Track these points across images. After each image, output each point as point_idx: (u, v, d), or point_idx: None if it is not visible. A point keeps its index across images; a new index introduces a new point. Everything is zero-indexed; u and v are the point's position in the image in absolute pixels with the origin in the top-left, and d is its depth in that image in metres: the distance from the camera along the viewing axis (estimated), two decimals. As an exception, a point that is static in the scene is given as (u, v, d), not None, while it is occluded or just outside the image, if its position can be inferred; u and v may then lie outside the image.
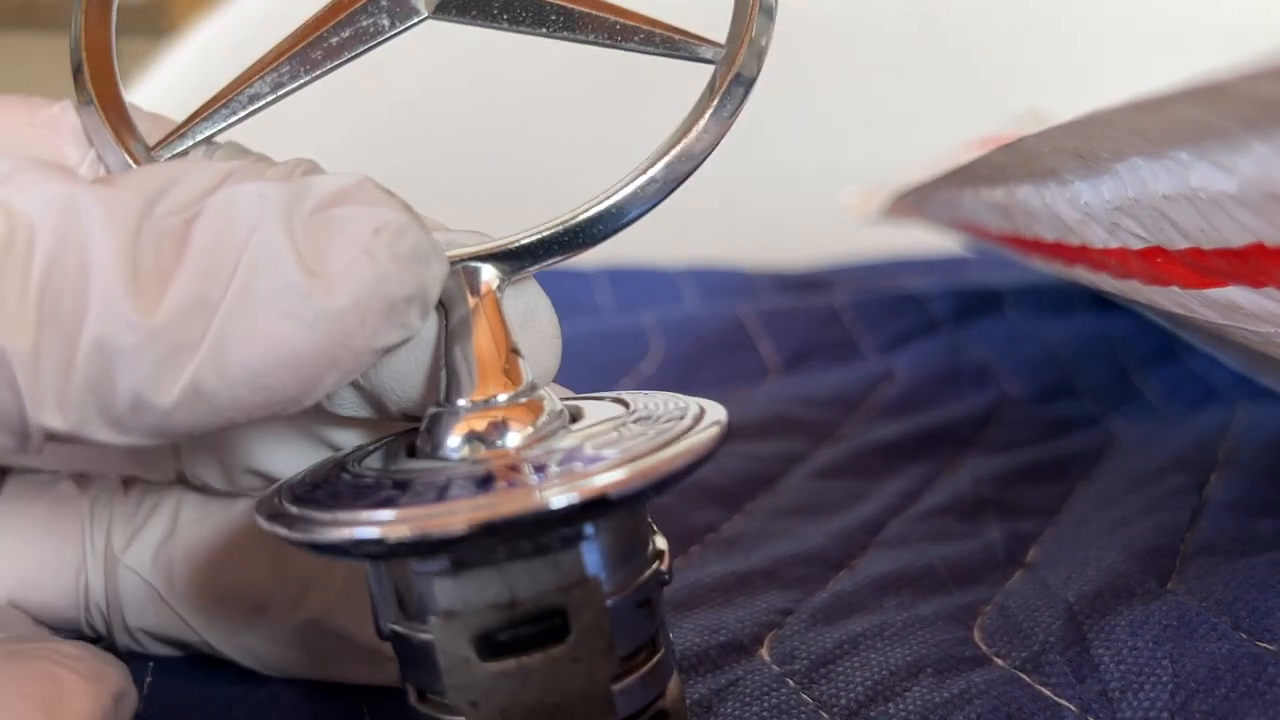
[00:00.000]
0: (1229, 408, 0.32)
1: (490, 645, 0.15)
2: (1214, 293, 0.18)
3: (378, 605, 0.16)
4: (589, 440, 0.15)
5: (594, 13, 0.18)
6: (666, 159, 0.18)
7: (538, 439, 0.16)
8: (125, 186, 0.14)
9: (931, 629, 0.21)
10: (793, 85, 0.69)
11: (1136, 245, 0.20)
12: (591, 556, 0.15)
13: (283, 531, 0.14)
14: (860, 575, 0.24)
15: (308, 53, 0.18)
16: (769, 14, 0.19)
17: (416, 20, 0.18)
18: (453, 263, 0.17)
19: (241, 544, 0.19)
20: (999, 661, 0.20)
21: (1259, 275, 0.16)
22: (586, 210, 0.17)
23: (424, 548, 0.14)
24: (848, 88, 0.68)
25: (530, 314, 0.17)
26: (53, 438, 0.14)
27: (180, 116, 0.19)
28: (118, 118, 0.18)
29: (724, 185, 0.66)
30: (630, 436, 0.15)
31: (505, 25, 0.19)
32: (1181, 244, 0.18)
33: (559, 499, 0.14)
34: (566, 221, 0.17)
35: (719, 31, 0.19)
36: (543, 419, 0.16)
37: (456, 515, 0.14)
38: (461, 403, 0.16)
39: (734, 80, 0.19)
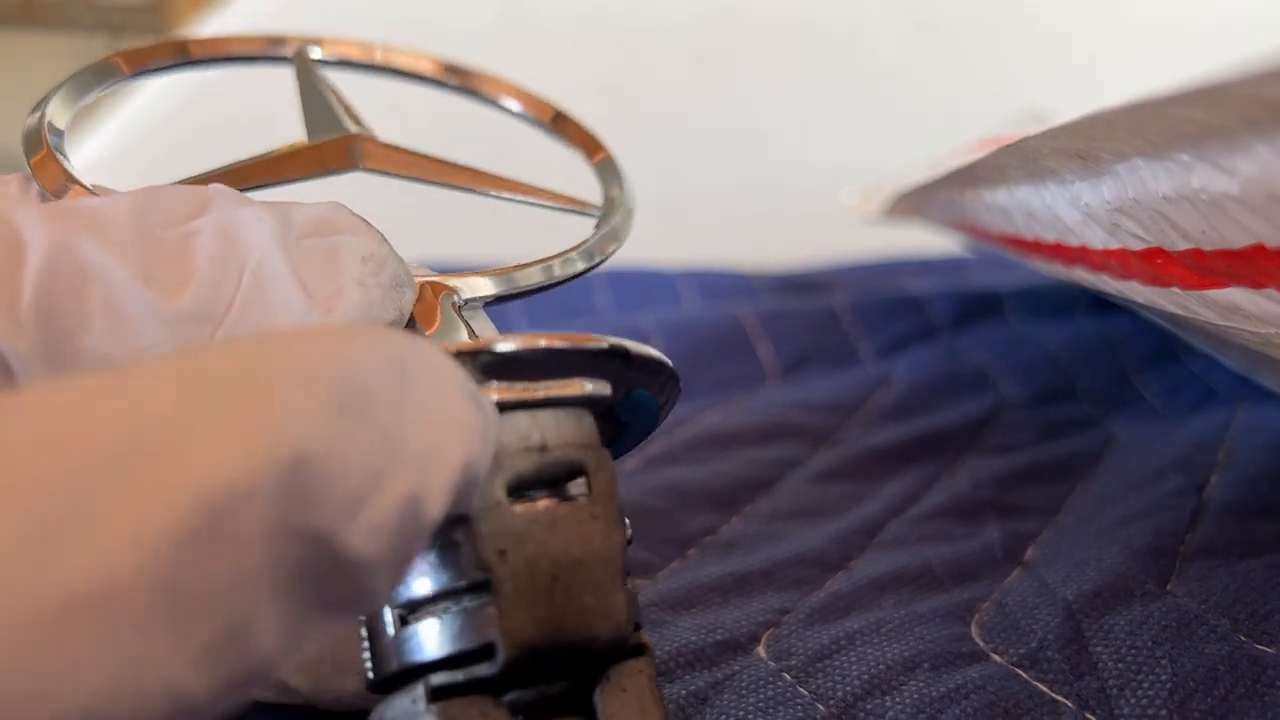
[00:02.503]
0: (1229, 409, 0.32)
1: (521, 491, 0.15)
2: (1214, 294, 0.18)
3: None
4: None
5: (496, 183, 0.23)
6: (582, 249, 0.21)
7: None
8: (110, 204, 0.15)
9: (929, 626, 0.21)
10: (793, 85, 0.69)
11: (1137, 246, 0.20)
12: (602, 429, 0.16)
13: None
14: (858, 575, 0.24)
15: (233, 178, 0.20)
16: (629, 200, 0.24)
17: (349, 170, 0.22)
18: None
19: None
20: (996, 658, 0.20)
21: (1259, 276, 0.16)
22: (521, 269, 0.20)
23: (480, 361, 0.15)
24: (848, 88, 0.68)
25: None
26: None
27: (181, 116, 0.19)
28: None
29: (724, 185, 0.66)
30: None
31: (429, 181, 0.22)
32: (1182, 245, 0.18)
33: (593, 342, 0.16)
34: (502, 273, 0.20)
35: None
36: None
37: (521, 338, 0.15)
38: None
39: (608, 234, 0.22)
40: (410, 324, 0.18)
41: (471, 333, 0.18)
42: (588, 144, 0.25)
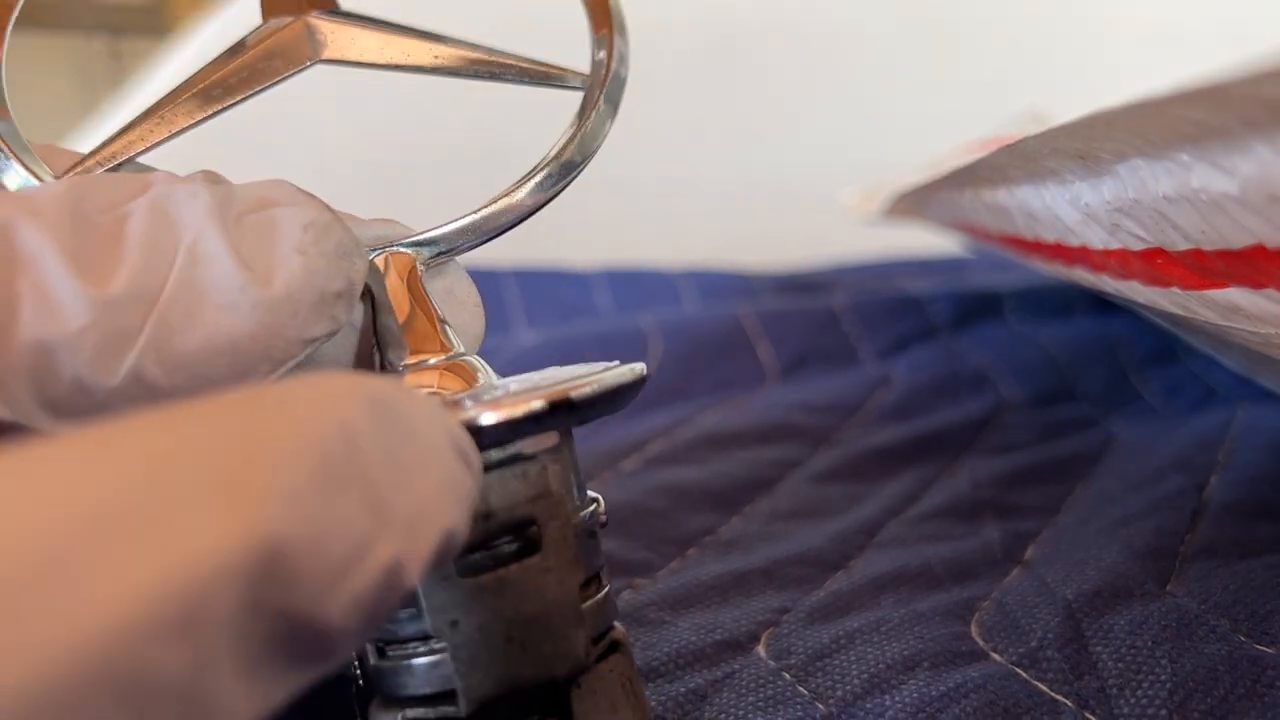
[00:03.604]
0: (1229, 409, 0.32)
1: (468, 561, 0.15)
2: (1214, 294, 0.18)
3: None
4: (526, 384, 0.16)
5: (470, 55, 0.21)
6: (555, 163, 0.20)
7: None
8: (45, 189, 0.15)
9: (928, 624, 0.21)
10: (793, 85, 0.69)
11: (1137, 246, 0.19)
12: (554, 471, 0.16)
13: None
14: (857, 575, 0.24)
15: (209, 91, 0.19)
16: (624, 37, 0.22)
17: (306, 66, 0.20)
18: (373, 251, 0.18)
19: None
20: (996, 657, 0.20)
21: (1259, 276, 0.16)
22: (492, 205, 0.19)
23: None
24: (848, 88, 0.68)
25: (450, 290, 0.19)
26: None
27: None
28: (16, 146, 0.18)
29: (723, 185, 0.66)
30: (567, 377, 0.16)
31: (390, 69, 0.21)
32: (1182, 245, 0.18)
33: (528, 407, 0.15)
34: (474, 214, 0.19)
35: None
36: (480, 377, 0.17)
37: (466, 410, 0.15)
38: (400, 364, 0.17)
39: (601, 100, 0.21)
40: (366, 294, 0.18)
41: (436, 317, 0.18)
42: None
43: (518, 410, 0.15)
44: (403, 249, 0.18)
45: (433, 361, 0.17)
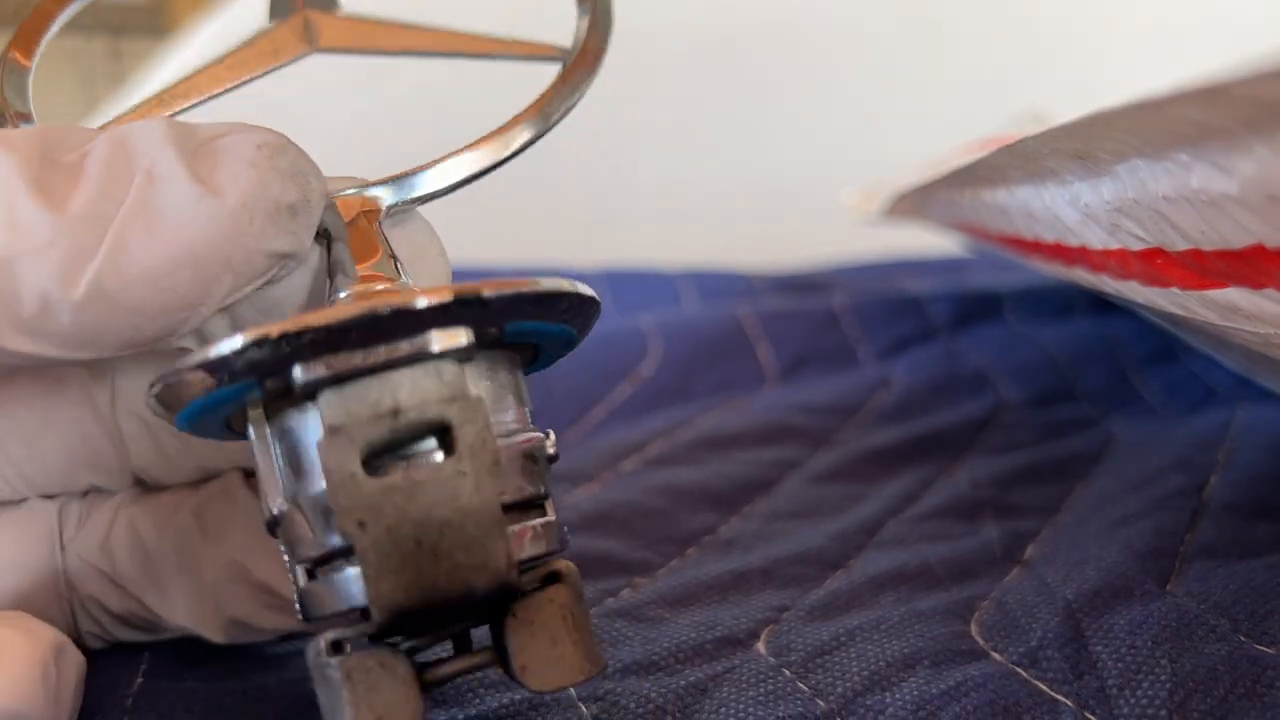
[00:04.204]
0: (1229, 409, 0.32)
1: (375, 461, 0.15)
2: (1214, 294, 0.18)
3: (265, 487, 0.16)
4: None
5: (454, 38, 0.22)
6: (528, 118, 0.20)
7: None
8: (16, 133, 0.16)
9: (928, 623, 0.21)
10: (793, 85, 0.69)
11: (1136, 246, 0.20)
12: (473, 376, 0.16)
13: (160, 384, 0.16)
14: (857, 574, 0.24)
15: (210, 81, 0.21)
16: (606, 18, 0.22)
17: (305, 54, 0.21)
18: (334, 194, 0.18)
19: (167, 504, 0.20)
20: (996, 656, 0.20)
21: (1259, 277, 0.16)
22: (459, 153, 0.19)
23: (311, 340, 0.15)
24: (848, 88, 0.68)
25: (413, 237, 0.19)
26: None
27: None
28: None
29: (723, 185, 0.66)
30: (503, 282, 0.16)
31: (385, 54, 0.22)
32: (1181, 245, 0.18)
33: (436, 296, 0.15)
34: (440, 161, 0.19)
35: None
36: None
37: (342, 310, 0.15)
38: (342, 295, 0.17)
39: (577, 77, 0.21)
40: (323, 234, 0.18)
41: (391, 257, 0.18)
42: None
43: (424, 300, 0.15)
44: (364, 194, 0.19)
45: (379, 287, 0.17)
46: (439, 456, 0.15)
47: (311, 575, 0.16)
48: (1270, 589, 0.21)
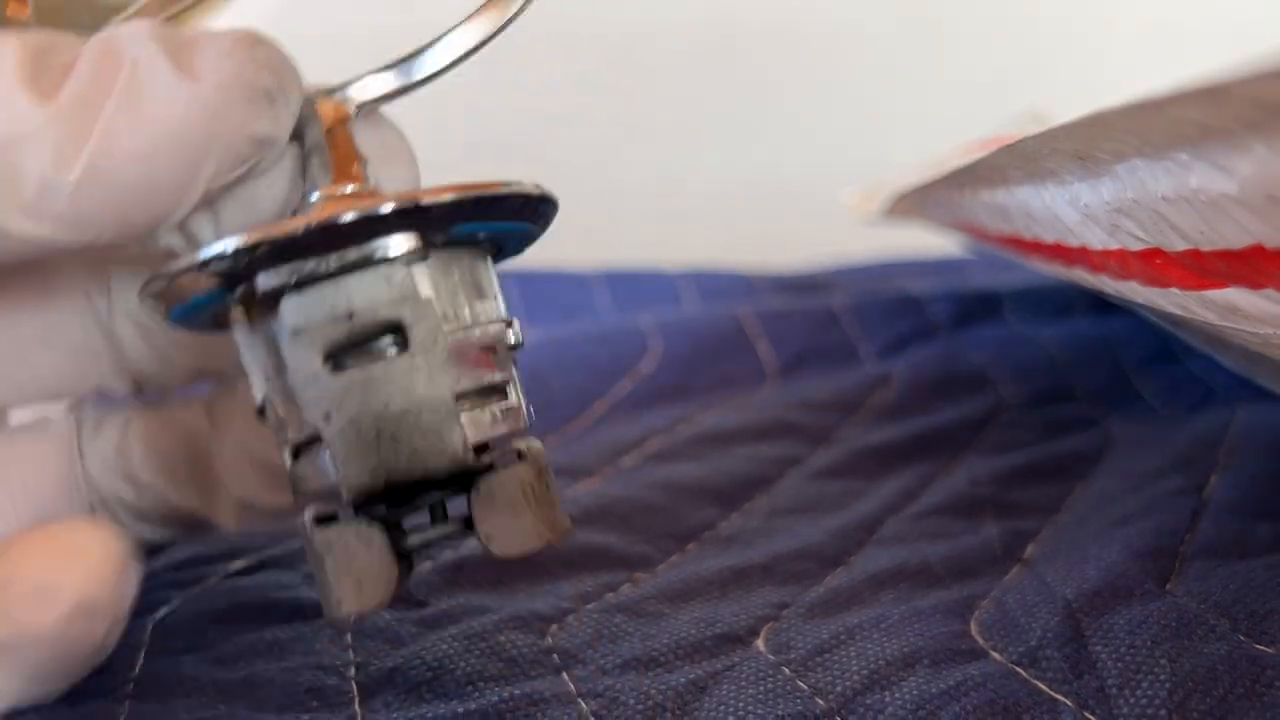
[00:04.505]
0: (1229, 409, 0.32)
1: (336, 359, 0.17)
2: (1213, 294, 0.18)
3: (252, 379, 0.18)
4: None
5: None
6: (485, 15, 0.20)
7: None
8: (12, 35, 0.17)
9: (928, 622, 0.21)
10: (792, 85, 0.69)
11: (1136, 247, 0.20)
12: (423, 278, 0.17)
13: (150, 286, 0.17)
14: (857, 571, 0.24)
15: None
16: None
17: None
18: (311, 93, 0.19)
19: (175, 409, 0.22)
20: (996, 655, 0.20)
21: (1258, 277, 0.16)
22: (422, 50, 0.20)
23: (267, 251, 0.16)
24: (848, 88, 0.68)
25: (383, 140, 0.20)
26: None
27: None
28: None
29: (723, 185, 0.66)
30: (457, 186, 0.17)
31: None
32: (1181, 245, 0.18)
33: (377, 205, 0.16)
34: (404, 60, 0.20)
35: None
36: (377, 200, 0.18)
37: (293, 222, 0.16)
38: (314, 196, 0.18)
39: None
40: (297, 136, 0.19)
41: (361, 160, 0.19)
42: None
43: (367, 210, 0.16)
44: (334, 96, 0.19)
45: (350, 189, 0.18)
46: (394, 353, 0.17)
47: (296, 456, 0.18)
48: (1270, 589, 0.21)
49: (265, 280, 0.17)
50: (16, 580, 0.17)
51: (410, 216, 0.16)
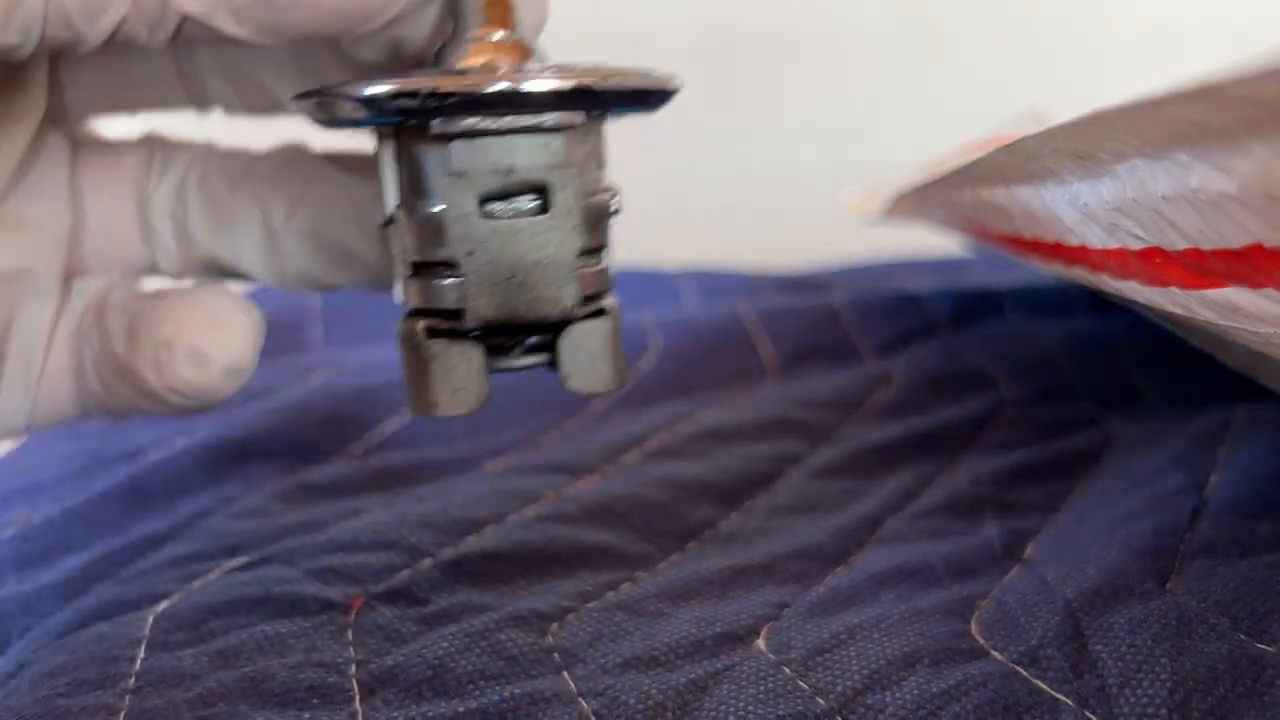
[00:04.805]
0: (1229, 409, 0.32)
1: (486, 205, 0.19)
2: (1213, 293, 0.18)
3: (386, 188, 0.20)
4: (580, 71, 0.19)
5: None
6: None
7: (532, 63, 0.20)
8: None
9: (928, 622, 0.21)
10: (792, 85, 0.69)
11: (1136, 246, 0.20)
12: (571, 148, 0.19)
13: (319, 102, 0.19)
14: (857, 570, 0.24)
15: None
16: None
17: None
18: None
19: (239, 162, 0.23)
20: (996, 655, 0.20)
21: (1258, 276, 0.16)
22: None
23: (456, 102, 0.18)
24: (848, 88, 0.68)
25: None
26: (178, 27, 0.18)
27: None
28: None
29: (724, 185, 0.66)
30: (610, 71, 0.19)
31: None
32: (1181, 245, 0.18)
33: (563, 81, 0.18)
34: None
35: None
36: (531, 57, 0.20)
37: (477, 78, 0.18)
38: (465, 35, 0.20)
39: None
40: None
41: (509, 8, 0.20)
42: None
43: (552, 83, 0.18)
44: None
45: (496, 37, 0.20)
46: (536, 208, 0.19)
47: (414, 272, 0.20)
48: (1270, 588, 0.21)
49: (440, 124, 0.18)
50: (177, 345, 0.20)
51: (585, 96, 0.18)
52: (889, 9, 0.69)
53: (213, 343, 0.21)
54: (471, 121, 0.18)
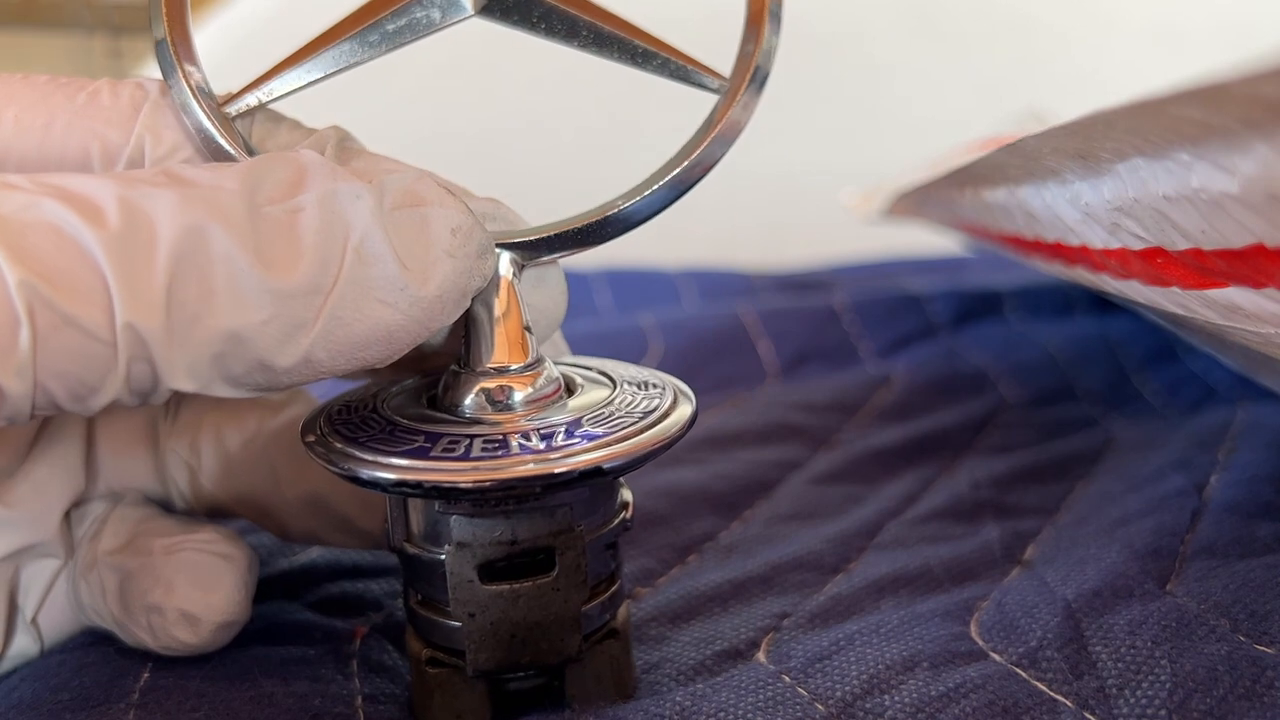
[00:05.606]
0: (1229, 409, 0.32)
1: (491, 572, 0.18)
2: (1214, 293, 0.18)
3: (393, 525, 0.19)
4: (585, 416, 0.19)
5: (621, 34, 0.21)
6: (670, 177, 0.20)
7: (538, 403, 0.19)
8: (221, 181, 0.17)
9: (928, 625, 0.21)
10: (792, 85, 0.69)
11: (1137, 246, 0.20)
12: (579, 511, 0.19)
13: (330, 467, 0.18)
14: (857, 578, 0.24)
15: (365, 35, 0.20)
16: (770, 53, 0.21)
17: (463, 17, 0.20)
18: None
19: (250, 419, 0.23)
20: (996, 657, 0.20)
21: (1259, 276, 0.16)
22: (600, 214, 0.20)
23: (453, 495, 0.17)
24: (848, 88, 0.68)
25: (542, 277, 0.20)
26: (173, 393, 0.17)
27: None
28: (188, 59, 0.20)
29: (724, 186, 0.66)
30: (618, 415, 0.19)
31: (541, 33, 0.21)
32: (1182, 244, 0.18)
33: (565, 467, 0.17)
34: (581, 222, 0.20)
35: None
36: (541, 382, 0.19)
37: (480, 473, 0.17)
38: (479, 368, 0.19)
39: (730, 116, 0.21)
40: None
41: (524, 324, 0.19)
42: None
43: (558, 472, 0.17)
44: (507, 251, 0.19)
45: (513, 369, 0.19)
46: (539, 572, 0.19)
47: (422, 604, 0.19)
48: (1270, 589, 0.21)
49: (441, 507, 0.18)
50: (167, 609, 0.20)
51: (591, 475, 0.17)
52: (889, 9, 0.69)
53: (202, 605, 0.21)
54: (474, 507, 0.18)
